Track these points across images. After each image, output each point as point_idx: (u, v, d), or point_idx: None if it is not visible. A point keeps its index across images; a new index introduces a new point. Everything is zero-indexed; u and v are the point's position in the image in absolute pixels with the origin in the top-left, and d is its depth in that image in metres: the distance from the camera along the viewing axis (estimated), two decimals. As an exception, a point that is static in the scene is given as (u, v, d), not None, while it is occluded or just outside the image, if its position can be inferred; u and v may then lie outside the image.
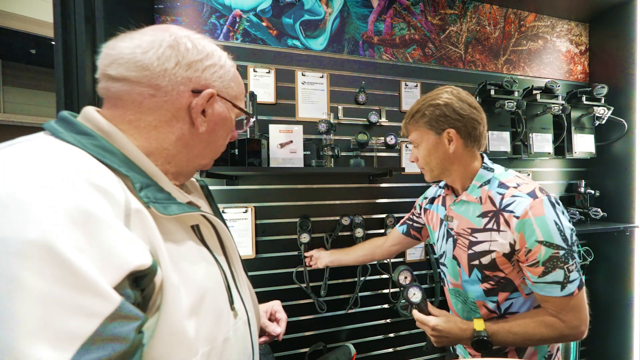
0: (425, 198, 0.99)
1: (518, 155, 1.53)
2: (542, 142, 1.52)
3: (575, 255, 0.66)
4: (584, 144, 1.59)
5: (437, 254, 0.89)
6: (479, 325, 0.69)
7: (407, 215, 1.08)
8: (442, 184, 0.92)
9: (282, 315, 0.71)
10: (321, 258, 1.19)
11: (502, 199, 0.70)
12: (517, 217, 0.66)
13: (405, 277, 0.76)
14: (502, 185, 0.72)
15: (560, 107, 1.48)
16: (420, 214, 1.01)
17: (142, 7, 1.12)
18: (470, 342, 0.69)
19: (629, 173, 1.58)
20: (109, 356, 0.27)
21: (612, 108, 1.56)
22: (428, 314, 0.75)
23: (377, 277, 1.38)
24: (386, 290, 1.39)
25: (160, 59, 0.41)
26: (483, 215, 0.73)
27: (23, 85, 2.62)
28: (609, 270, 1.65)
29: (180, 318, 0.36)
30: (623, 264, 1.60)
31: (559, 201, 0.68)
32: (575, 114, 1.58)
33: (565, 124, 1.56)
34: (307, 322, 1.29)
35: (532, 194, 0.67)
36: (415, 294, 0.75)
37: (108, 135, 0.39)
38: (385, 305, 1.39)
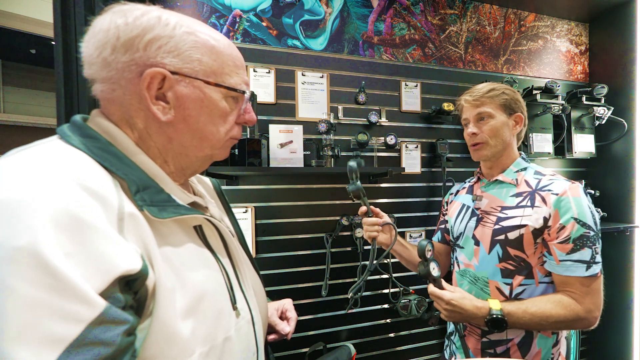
0: (451, 194, 1.03)
1: (518, 155, 1.53)
2: (542, 142, 1.52)
3: (600, 242, 0.71)
4: (584, 144, 1.59)
5: (454, 237, 0.93)
6: (495, 304, 0.71)
7: (437, 224, 1.07)
8: (469, 179, 0.98)
9: (292, 314, 0.71)
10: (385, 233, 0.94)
11: (538, 182, 0.77)
12: (556, 194, 0.72)
13: (429, 250, 0.77)
14: (538, 173, 0.80)
15: (560, 107, 1.47)
16: (446, 210, 1.02)
17: (142, 7, 1.11)
18: (484, 320, 0.71)
19: (629, 173, 1.58)
20: None
21: (612, 108, 1.56)
22: (442, 289, 0.76)
23: (377, 277, 1.38)
24: (386, 290, 1.39)
25: (98, 49, 0.37)
26: (517, 195, 0.79)
27: (23, 85, 2.61)
28: (608, 270, 1.65)
29: (173, 319, 0.36)
30: (623, 264, 1.60)
31: None
32: (575, 114, 1.58)
33: (565, 124, 1.56)
34: (307, 322, 1.29)
35: (569, 181, 0.75)
36: (434, 269, 0.75)
37: (112, 137, 0.39)
38: (385, 305, 1.39)
